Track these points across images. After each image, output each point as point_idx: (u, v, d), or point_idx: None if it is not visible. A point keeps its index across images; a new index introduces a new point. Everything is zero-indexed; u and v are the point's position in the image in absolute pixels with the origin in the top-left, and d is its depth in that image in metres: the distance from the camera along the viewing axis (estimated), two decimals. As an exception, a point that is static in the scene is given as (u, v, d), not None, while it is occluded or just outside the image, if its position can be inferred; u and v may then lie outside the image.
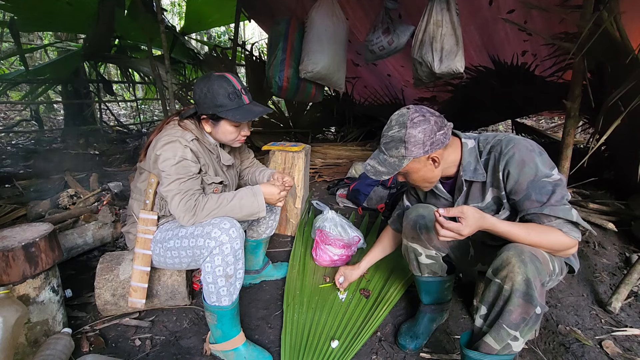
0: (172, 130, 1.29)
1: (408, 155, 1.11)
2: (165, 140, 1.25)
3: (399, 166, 1.13)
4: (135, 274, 1.36)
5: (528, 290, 0.93)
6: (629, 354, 1.33)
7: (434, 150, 1.11)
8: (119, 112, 8.38)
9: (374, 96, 4.81)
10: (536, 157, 1.06)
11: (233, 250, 1.21)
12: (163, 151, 1.23)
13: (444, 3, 2.19)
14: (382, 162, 1.16)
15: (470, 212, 0.98)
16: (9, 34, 3.89)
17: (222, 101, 1.26)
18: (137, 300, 1.37)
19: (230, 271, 1.22)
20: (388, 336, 1.46)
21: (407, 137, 1.09)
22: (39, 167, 3.70)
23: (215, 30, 9.93)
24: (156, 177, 1.33)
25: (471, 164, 1.17)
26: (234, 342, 1.29)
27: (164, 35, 2.65)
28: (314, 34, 2.69)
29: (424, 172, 1.16)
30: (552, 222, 1.03)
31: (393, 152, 1.13)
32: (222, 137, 1.36)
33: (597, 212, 2.21)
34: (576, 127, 2.16)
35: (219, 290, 1.22)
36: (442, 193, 1.29)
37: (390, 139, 1.12)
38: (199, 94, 1.27)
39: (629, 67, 1.74)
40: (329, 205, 2.44)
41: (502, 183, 1.11)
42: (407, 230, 1.34)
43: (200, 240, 1.21)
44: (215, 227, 1.20)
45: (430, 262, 1.35)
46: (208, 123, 1.33)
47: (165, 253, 1.33)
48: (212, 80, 1.26)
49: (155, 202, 1.37)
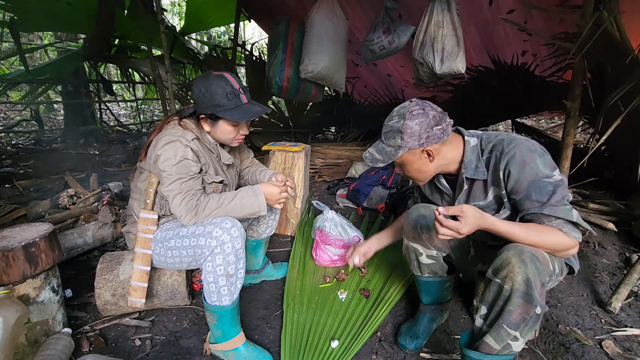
0: (172, 130, 1.29)
1: (403, 145, 1.13)
2: (165, 140, 1.24)
3: (394, 155, 1.16)
4: (135, 273, 1.36)
5: (528, 290, 0.93)
6: (629, 354, 1.33)
7: (429, 144, 1.12)
8: (119, 112, 8.38)
9: (374, 96, 4.81)
10: (537, 157, 1.06)
11: (234, 250, 1.21)
12: (164, 151, 1.23)
13: (444, 4, 2.20)
14: (380, 150, 1.20)
15: (469, 211, 0.98)
16: (9, 34, 3.88)
17: (220, 101, 1.25)
18: (136, 299, 1.37)
19: (232, 270, 1.22)
20: (388, 336, 1.46)
21: (404, 128, 1.11)
22: (39, 167, 3.71)
23: (215, 30, 9.92)
24: (157, 177, 1.33)
25: (472, 162, 1.17)
26: (234, 342, 1.29)
27: (164, 35, 2.64)
28: (314, 34, 2.69)
29: (418, 164, 1.18)
30: (552, 222, 1.03)
31: (390, 142, 1.16)
32: (220, 137, 1.36)
33: (597, 212, 2.21)
34: (576, 127, 2.17)
35: (220, 290, 1.22)
36: (445, 189, 1.29)
37: (389, 129, 1.16)
38: (197, 94, 1.27)
39: (629, 67, 1.74)
40: (329, 205, 2.44)
41: (503, 182, 1.11)
42: (408, 230, 1.34)
43: (201, 239, 1.21)
44: (216, 226, 1.20)
45: (431, 262, 1.35)
46: (207, 122, 1.33)
47: (166, 252, 1.33)
48: (210, 80, 1.26)
49: (156, 202, 1.37)
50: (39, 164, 3.84)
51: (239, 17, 3.94)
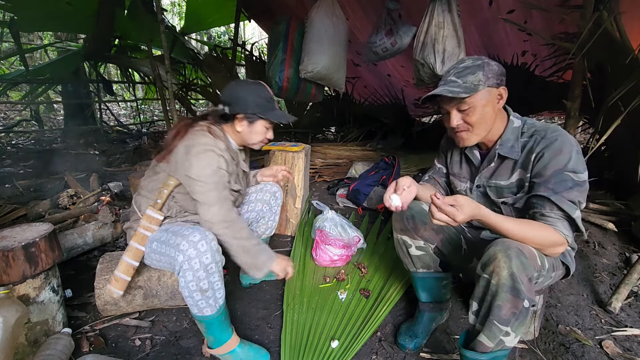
0: (203, 138, 1.27)
1: (485, 81, 1.09)
2: (199, 148, 1.24)
3: (474, 89, 1.09)
4: (122, 264, 1.34)
5: (514, 284, 0.94)
6: (629, 354, 1.33)
7: (503, 85, 1.12)
8: (119, 112, 8.38)
9: (374, 96, 4.80)
10: (574, 152, 1.06)
11: (203, 265, 1.15)
12: (198, 160, 1.23)
13: (445, 4, 2.19)
14: (457, 86, 1.11)
15: (464, 201, 0.99)
16: (9, 34, 3.88)
17: (263, 103, 1.36)
18: (115, 290, 1.34)
19: (204, 285, 1.17)
20: (388, 336, 1.46)
21: (486, 65, 1.10)
22: (39, 167, 3.71)
23: (215, 30, 9.93)
24: (175, 180, 1.32)
25: (510, 141, 1.17)
26: (228, 346, 1.28)
27: (164, 35, 2.64)
28: (314, 34, 2.69)
29: (488, 108, 1.13)
30: (552, 210, 1.04)
31: (469, 77, 1.10)
32: (252, 137, 1.40)
33: (597, 212, 2.21)
34: (576, 127, 2.17)
35: (198, 303, 1.20)
36: (475, 159, 1.27)
37: (465, 68, 1.11)
38: (238, 95, 1.34)
39: (629, 67, 1.74)
40: (329, 205, 2.44)
41: (532, 164, 1.11)
42: (395, 223, 1.37)
43: (171, 250, 1.19)
44: (184, 239, 1.16)
45: (420, 254, 1.36)
46: (242, 122, 1.36)
47: (153, 254, 1.32)
48: (250, 85, 1.38)
49: (165, 204, 1.36)
50: (39, 164, 3.85)
51: (239, 17, 3.94)
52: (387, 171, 2.73)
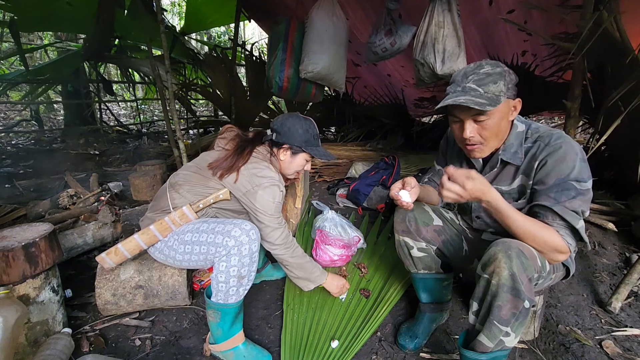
0: (269, 172, 1.38)
1: (505, 92, 1.05)
2: (266, 182, 1.35)
3: (497, 102, 1.03)
4: (130, 242, 1.33)
5: (514, 284, 0.94)
6: (629, 354, 1.33)
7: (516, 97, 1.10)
8: (119, 112, 8.38)
9: (374, 96, 4.80)
10: (578, 160, 1.04)
11: (251, 252, 1.23)
12: (264, 193, 1.35)
13: (445, 4, 2.19)
14: (479, 95, 1.04)
15: (477, 175, 0.99)
16: (9, 34, 3.88)
17: (309, 139, 1.46)
18: (108, 260, 1.33)
19: (244, 272, 1.24)
20: (388, 336, 1.46)
21: (507, 74, 1.07)
22: (39, 167, 3.71)
23: (215, 30, 9.93)
24: (227, 196, 1.39)
25: (513, 146, 1.15)
26: (234, 341, 1.29)
27: (164, 35, 2.64)
28: (314, 34, 2.69)
29: (504, 121, 1.09)
30: (555, 221, 1.03)
31: (491, 88, 1.04)
32: (291, 168, 1.50)
33: (597, 212, 2.21)
34: (576, 127, 2.17)
35: (229, 290, 1.23)
36: (476, 162, 1.24)
37: (486, 75, 1.05)
38: (289, 127, 1.43)
39: (629, 67, 1.74)
40: (329, 205, 2.44)
41: (534, 171, 1.09)
42: (397, 225, 1.37)
43: (219, 237, 1.23)
44: (236, 226, 1.23)
45: (422, 255, 1.36)
46: (286, 152, 1.46)
47: (178, 246, 1.32)
48: (301, 120, 1.46)
49: (204, 210, 1.40)
50: (39, 164, 3.85)
51: (239, 17, 3.93)
52: (387, 171, 2.73)
